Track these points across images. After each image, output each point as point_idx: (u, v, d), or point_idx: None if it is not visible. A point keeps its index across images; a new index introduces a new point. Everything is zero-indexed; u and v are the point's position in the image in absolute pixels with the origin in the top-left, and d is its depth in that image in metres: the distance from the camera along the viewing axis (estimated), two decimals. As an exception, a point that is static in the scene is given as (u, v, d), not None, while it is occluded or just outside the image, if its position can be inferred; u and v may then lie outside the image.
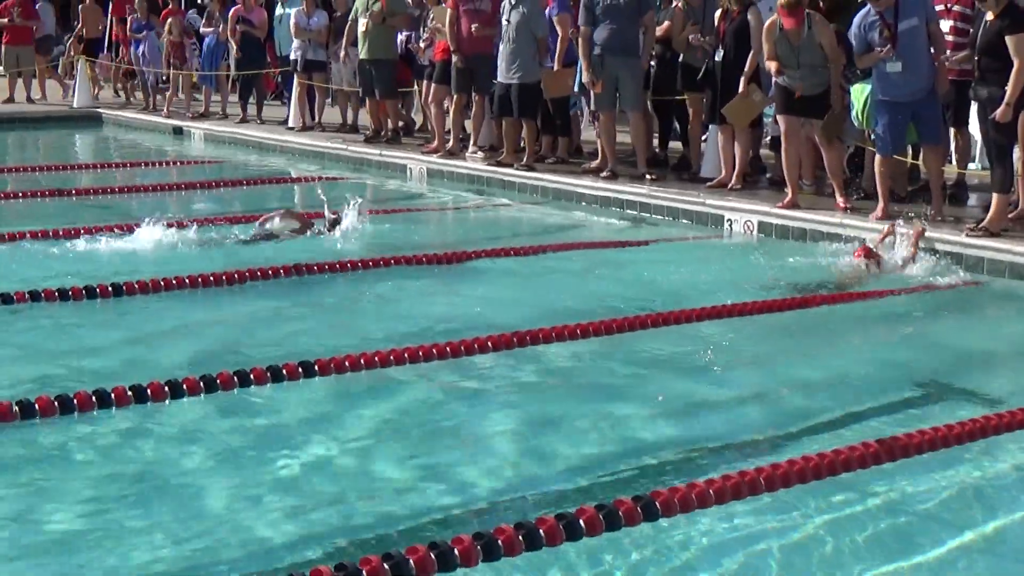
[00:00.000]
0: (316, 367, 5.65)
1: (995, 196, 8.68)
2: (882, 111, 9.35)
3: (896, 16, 9.05)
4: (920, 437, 5.02)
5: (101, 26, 20.84)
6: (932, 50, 9.11)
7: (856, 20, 9.33)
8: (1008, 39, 8.29)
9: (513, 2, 11.80)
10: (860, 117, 9.91)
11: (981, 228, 8.64)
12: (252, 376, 5.54)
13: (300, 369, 5.64)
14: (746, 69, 10.54)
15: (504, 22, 11.86)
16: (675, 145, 12.83)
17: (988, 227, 8.62)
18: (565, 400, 5.69)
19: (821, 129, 9.94)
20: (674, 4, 11.69)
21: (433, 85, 13.56)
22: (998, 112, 8.41)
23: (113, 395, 5.23)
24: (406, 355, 5.94)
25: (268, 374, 5.57)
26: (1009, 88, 8.31)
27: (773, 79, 10.22)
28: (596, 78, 11.39)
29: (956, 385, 6.09)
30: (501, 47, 11.97)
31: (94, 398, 5.21)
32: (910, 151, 10.02)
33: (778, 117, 9.91)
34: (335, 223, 9.35)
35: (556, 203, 11.42)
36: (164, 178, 13.32)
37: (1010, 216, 8.95)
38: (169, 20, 18.33)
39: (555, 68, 12.12)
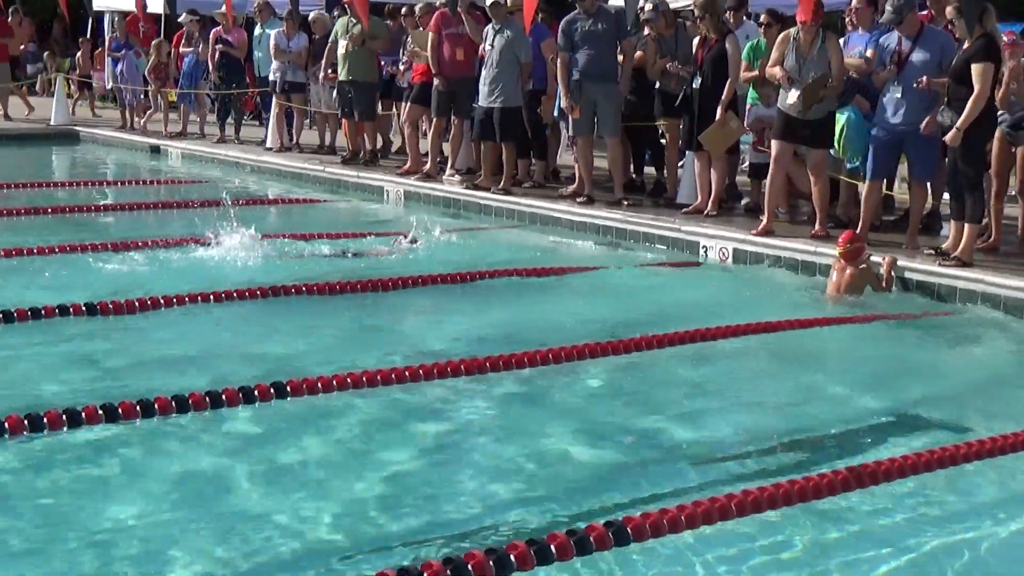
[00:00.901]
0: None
1: (966, 226, 8.71)
2: (874, 137, 9.42)
3: (914, 44, 9.10)
4: (889, 464, 5.03)
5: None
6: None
7: (880, 39, 9.40)
8: (973, 66, 8.38)
9: (497, 27, 11.86)
10: (837, 146, 9.98)
11: (954, 258, 8.68)
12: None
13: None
14: (723, 97, 10.58)
15: (487, 47, 11.92)
16: (651, 171, 12.86)
17: (961, 257, 8.67)
18: (533, 424, 5.70)
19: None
20: (646, 33, 11.76)
21: (408, 105, 13.62)
22: (948, 136, 8.51)
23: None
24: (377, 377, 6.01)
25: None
26: (964, 113, 8.40)
27: (748, 109, 10.41)
28: (575, 103, 11.42)
29: (927, 413, 6.09)
30: (484, 71, 12.00)
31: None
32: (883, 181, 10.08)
33: (772, 142, 9.87)
34: (414, 241, 9.74)
35: (532, 227, 11.44)
36: (144, 196, 13.27)
37: (980, 246, 9.02)
38: (155, 41, 18.34)
39: (549, 93, 12.21)
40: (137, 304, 7.33)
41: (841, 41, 9.97)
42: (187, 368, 6.28)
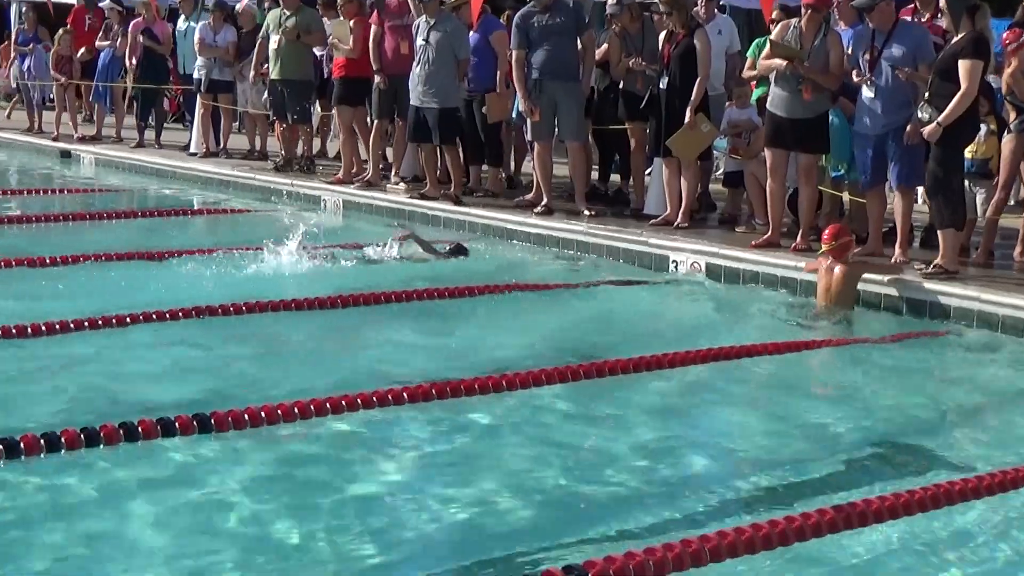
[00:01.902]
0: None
1: (942, 233, 8.81)
2: (856, 142, 9.58)
3: (886, 41, 9.19)
4: (879, 503, 5.00)
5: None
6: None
7: (852, 35, 9.59)
8: (961, 63, 8.51)
9: (431, 22, 11.87)
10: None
11: (935, 266, 8.76)
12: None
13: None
14: (693, 97, 10.62)
15: (421, 42, 11.94)
16: (617, 179, 12.93)
17: (944, 265, 8.76)
18: (484, 458, 5.68)
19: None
20: (611, 28, 11.82)
21: (336, 108, 13.62)
22: (927, 129, 8.62)
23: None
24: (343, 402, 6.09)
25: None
26: (948, 109, 8.52)
27: (727, 113, 10.62)
28: (534, 105, 11.40)
29: (920, 444, 6.10)
30: (416, 69, 12.02)
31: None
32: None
33: (766, 151, 9.96)
34: (458, 251, 10.23)
35: (486, 240, 11.44)
36: (52, 207, 13.14)
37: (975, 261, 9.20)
38: (60, 31, 18.11)
39: (498, 91, 12.28)
40: (43, 327, 7.28)
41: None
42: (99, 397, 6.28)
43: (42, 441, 5.32)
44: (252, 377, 6.78)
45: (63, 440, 5.35)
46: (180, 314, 7.75)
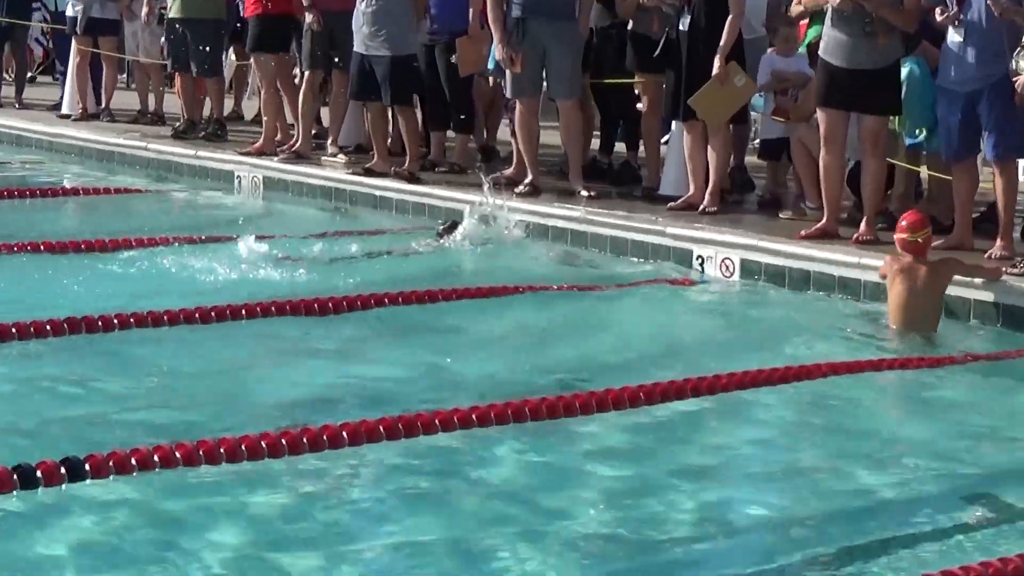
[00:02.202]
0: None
1: None
2: (940, 101, 9.59)
3: None
4: (982, 571, 4.97)
5: None
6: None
7: None
8: None
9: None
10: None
11: None
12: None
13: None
14: (723, 41, 10.57)
15: (365, -32, 12.06)
16: (622, 148, 12.88)
17: None
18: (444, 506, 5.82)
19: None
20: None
21: (253, 56, 13.67)
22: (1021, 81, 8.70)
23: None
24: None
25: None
26: None
27: (767, 62, 10.62)
28: (514, 52, 11.33)
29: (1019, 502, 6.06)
30: (360, 4, 12.00)
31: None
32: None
33: (818, 112, 9.92)
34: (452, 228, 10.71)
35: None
36: None
37: None
38: None
39: (470, 33, 12.24)
40: None
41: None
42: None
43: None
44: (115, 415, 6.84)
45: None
46: (45, 328, 7.74)
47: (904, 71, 9.96)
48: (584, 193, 11.41)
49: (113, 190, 13.24)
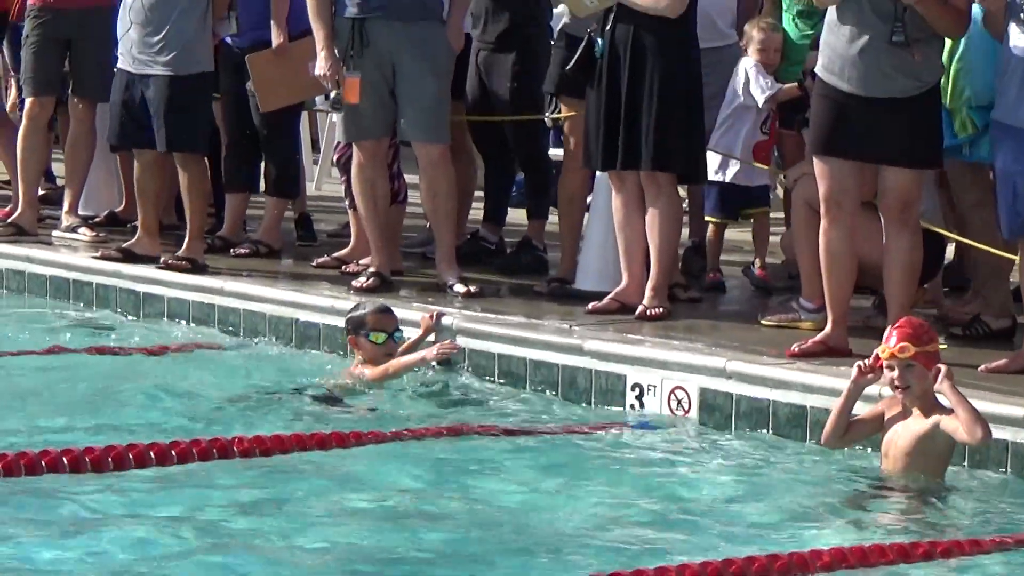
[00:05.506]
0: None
1: None
2: (1001, 146, 8.41)
3: None
4: None
5: None
6: None
7: None
8: None
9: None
10: (945, 94, 8.80)
11: None
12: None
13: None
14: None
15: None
16: (520, 217, 11.60)
17: None
18: None
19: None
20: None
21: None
22: None
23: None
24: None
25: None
26: None
27: (744, 77, 9.99)
28: (341, 71, 9.94)
29: None
30: (126, 3, 10.69)
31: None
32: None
33: (817, 161, 8.70)
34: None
35: (259, 341, 10.01)
36: None
37: None
38: None
39: (275, 45, 10.91)
40: None
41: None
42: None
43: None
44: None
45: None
46: None
47: (957, 54, 8.93)
48: (458, 288, 9.97)
49: None
